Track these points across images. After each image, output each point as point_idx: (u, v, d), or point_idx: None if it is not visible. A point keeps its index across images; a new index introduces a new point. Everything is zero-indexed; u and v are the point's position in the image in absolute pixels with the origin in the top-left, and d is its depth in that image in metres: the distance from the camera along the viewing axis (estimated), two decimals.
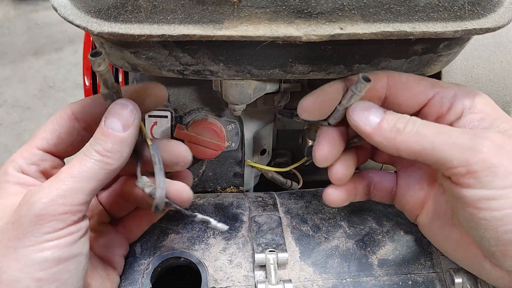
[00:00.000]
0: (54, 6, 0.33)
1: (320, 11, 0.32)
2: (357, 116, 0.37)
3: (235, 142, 0.53)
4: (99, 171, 0.35)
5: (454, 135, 0.34)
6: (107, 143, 0.35)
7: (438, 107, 0.37)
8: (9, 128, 2.00)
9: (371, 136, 0.36)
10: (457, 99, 0.37)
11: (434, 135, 0.34)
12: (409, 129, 0.35)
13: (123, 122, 0.36)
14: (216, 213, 0.47)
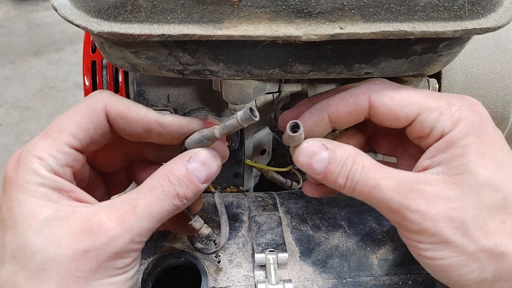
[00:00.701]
0: (54, 6, 0.33)
1: (320, 11, 0.32)
2: (302, 164, 0.37)
3: (235, 142, 0.53)
4: (171, 212, 0.34)
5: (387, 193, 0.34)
6: (189, 191, 0.34)
7: (419, 130, 0.36)
8: (9, 128, 2.00)
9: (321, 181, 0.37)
10: (438, 124, 0.35)
11: (370, 192, 0.34)
12: (348, 184, 0.35)
13: (208, 176, 0.35)
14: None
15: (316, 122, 0.38)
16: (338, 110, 0.37)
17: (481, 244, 0.32)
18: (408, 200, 0.33)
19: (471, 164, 0.33)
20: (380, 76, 0.41)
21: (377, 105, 0.36)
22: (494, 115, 0.54)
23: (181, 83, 0.50)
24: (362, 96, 0.37)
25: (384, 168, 0.35)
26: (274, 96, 0.51)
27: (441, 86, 0.53)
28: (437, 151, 0.35)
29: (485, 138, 0.34)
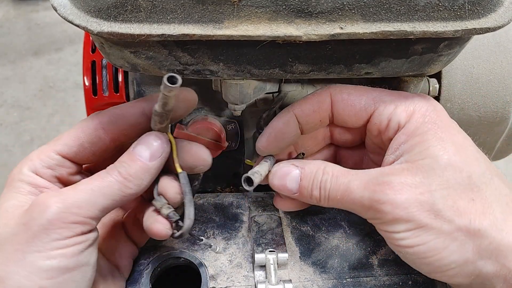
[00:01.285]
0: (54, 6, 0.33)
1: (320, 11, 0.32)
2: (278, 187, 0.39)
3: (235, 142, 0.53)
4: (117, 192, 0.35)
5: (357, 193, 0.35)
6: (131, 168, 0.36)
7: (378, 124, 0.37)
8: (9, 128, 2.00)
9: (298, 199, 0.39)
10: (394, 116, 0.36)
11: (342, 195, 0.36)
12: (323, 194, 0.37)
13: (152, 153, 0.37)
14: (216, 213, 0.47)
15: (285, 122, 0.40)
16: (303, 108, 0.39)
17: (455, 223, 0.33)
18: (377, 193, 0.34)
19: (431, 148, 0.34)
20: (380, 76, 0.41)
21: (337, 100, 0.38)
22: (494, 115, 0.54)
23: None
24: (324, 94, 0.39)
25: (352, 172, 0.37)
26: (274, 96, 0.51)
27: (441, 86, 0.53)
28: (399, 144, 0.36)
29: (441, 124, 0.35)
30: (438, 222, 0.33)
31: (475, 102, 0.54)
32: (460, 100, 0.53)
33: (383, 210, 0.34)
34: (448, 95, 0.53)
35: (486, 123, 0.55)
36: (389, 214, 0.34)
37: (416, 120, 0.36)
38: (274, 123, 0.40)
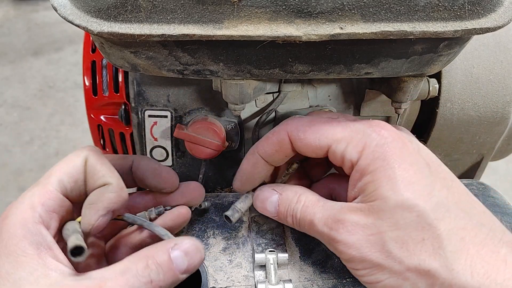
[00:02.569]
0: (54, 6, 0.33)
1: (320, 11, 0.32)
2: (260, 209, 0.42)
3: (235, 142, 0.53)
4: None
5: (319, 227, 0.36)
6: (166, 279, 0.33)
7: (334, 161, 0.38)
8: (9, 128, 2.00)
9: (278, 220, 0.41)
10: (346, 154, 0.36)
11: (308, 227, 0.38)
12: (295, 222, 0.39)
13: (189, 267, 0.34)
14: (216, 213, 0.47)
15: (252, 165, 0.41)
16: (266, 150, 0.40)
17: (405, 263, 0.33)
18: (334, 231, 0.35)
19: (380, 189, 0.34)
20: (380, 76, 0.41)
21: (294, 140, 0.38)
22: (494, 115, 0.54)
23: (181, 83, 0.50)
24: (283, 133, 0.39)
25: (321, 203, 0.38)
26: (274, 96, 0.51)
27: (441, 86, 0.53)
28: (354, 181, 0.36)
29: (391, 159, 0.34)
30: (390, 262, 0.33)
31: (475, 102, 0.54)
32: (460, 100, 0.53)
33: (339, 249, 0.35)
34: (448, 95, 0.53)
35: (486, 123, 0.55)
36: (344, 253, 0.35)
37: (366, 157, 0.35)
38: (244, 166, 0.42)
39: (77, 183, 0.36)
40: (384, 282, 0.34)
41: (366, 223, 0.34)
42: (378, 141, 0.35)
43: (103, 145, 0.62)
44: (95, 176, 0.36)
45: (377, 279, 0.34)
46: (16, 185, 1.73)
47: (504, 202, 0.48)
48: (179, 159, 0.55)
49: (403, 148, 0.35)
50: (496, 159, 0.65)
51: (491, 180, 1.63)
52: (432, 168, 0.36)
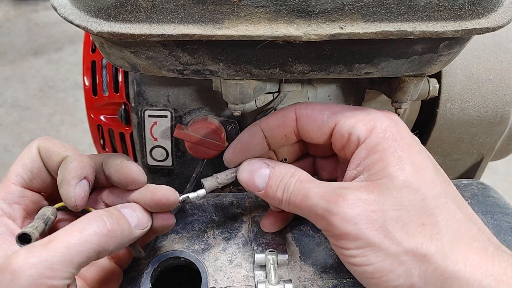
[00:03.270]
0: (54, 5, 0.33)
1: (320, 11, 0.32)
2: (245, 181, 0.39)
3: None
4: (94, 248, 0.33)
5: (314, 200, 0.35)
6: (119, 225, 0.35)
7: (339, 138, 0.37)
8: (9, 128, 2.00)
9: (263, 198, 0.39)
10: (354, 130, 0.36)
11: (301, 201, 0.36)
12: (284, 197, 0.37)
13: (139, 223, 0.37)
14: (216, 213, 0.47)
15: (250, 134, 0.41)
16: (269, 122, 0.40)
17: (403, 245, 0.33)
18: (331, 204, 0.34)
19: (389, 167, 0.34)
20: (380, 76, 0.41)
21: (301, 115, 0.38)
22: (494, 115, 0.54)
23: (181, 83, 0.50)
24: (289, 109, 0.39)
25: (317, 181, 0.37)
26: (274, 96, 0.51)
27: (441, 86, 0.53)
28: (359, 159, 0.36)
29: (402, 141, 0.35)
30: (387, 242, 0.33)
31: (475, 102, 0.54)
32: (460, 100, 0.53)
33: (333, 223, 0.34)
34: (448, 95, 0.53)
35: (486, 123, 0.55)
36: (338, 227, 0.34)
37: (376, 135, 0.35)
38: (241, 135, 0.41)
39: (34, 172, 0.38)
40: (376, 266, 0.33)
41: (368, 199, 0.34)
42: (390, 123, 0.36)
43: (103, 145, 0.62)
44: (52, 156, 0.38)
45: (369, 261, 0.33)
46: None
47: (504, 202, 0.48)
48: (179, 159, 0.55)
49: (411, 135, 0.36)
50: (496, 159, 0.65)
51: (491, 180, 1.63)
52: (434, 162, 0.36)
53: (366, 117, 0.36)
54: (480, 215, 0.45)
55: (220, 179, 0.41)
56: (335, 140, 0.38)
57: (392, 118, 0.36)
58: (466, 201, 0.37)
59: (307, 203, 0.36)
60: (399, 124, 0.36)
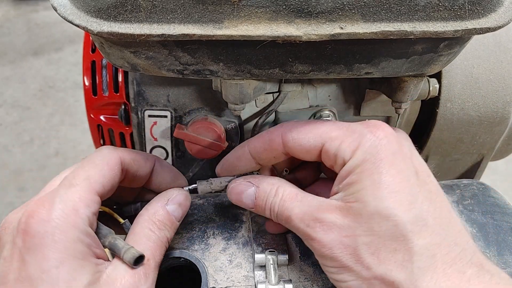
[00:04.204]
0: (53, 5, 0.33)
1: (320, 11, 0.32)
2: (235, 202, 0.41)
3: (235, 142, 0.53)
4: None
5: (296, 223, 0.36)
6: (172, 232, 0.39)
7: (327, 159, 0.37)
8: (9, 128, 2.00)
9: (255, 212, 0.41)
10: (339, 152, 0.36)
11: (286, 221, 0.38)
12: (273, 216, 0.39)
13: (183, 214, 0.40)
14: (216, 213, 0.47)
15: (236, 157, 0.42)
16: (256, 146, 0.40)
17: (373, 270, 0.33)
18: (309, 229, 0.35)
19: (363, 192, 0.34)
20: (381, 76, 0.41)
21: (287, 140, 0.38)
22: (494, 115, 0.54)
23: (181, 83, 0.50)
24: (275, 134, 0.39)
25: (299, 196, 0.37)
26: (274, 96, 0.51)
27: (441, 86, 0.53)
28: (341, 179, 0.36)
29: (380, 163, 0.34)
30: (358, 266, 0.34)
31: (475, 102, 0.54)
32: (460, 100, 0.53)
33: (313, 246, 0.36)
34: (448, 95, 0.53)
35: (486, 123, 0.55)
36: (316, 250, 0.36)
37: (357, 157, 0.35)
38: (229, 155, 0.42)
39: (113, 186, 0.38)
40: (350, 283, 0.34)
41: (342, 224, 0.34)
42: (372, 142, 0.35)
43: (103, 145, 0.62)
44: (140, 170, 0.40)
45: (344, 279, 0.35)
46: (16, 185, 1.73)
47: (504, 202, 0.48)
48: (179, 159, 0.55)
49: (396, 152, 0.35)
50: (496, 159, 0.65)
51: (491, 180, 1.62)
52: (420, 178, 0.35)
53: (351, 137, 0.36)
54: (480, 215, 0.45)
55: (214, 185, 0.43)
56: (324, 160, 0.38)
57: (377, 135, 0.35)
58: (466, 201, 0.36)
59: (291, 224, 0.37)
60: (382, 141, 0.35)
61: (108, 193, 0.37)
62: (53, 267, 0.31)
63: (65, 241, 0.31)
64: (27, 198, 1.50)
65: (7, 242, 0.33)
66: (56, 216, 0.32)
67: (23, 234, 0.32)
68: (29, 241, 0.31)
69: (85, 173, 0.35)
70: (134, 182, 0.41)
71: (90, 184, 0.35)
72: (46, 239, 0.31)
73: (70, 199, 0.33)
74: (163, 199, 0.39)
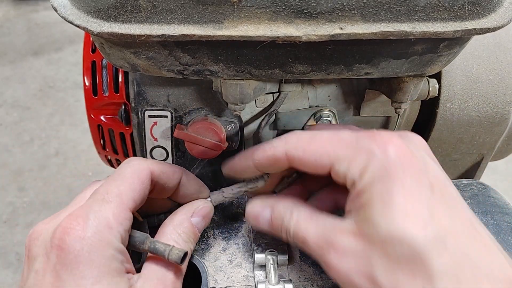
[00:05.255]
0: (54, 6, 0.33)
1: (320, 11, 0.32)
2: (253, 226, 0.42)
3: (235, 142, 0.53)
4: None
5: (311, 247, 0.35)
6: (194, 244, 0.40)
7: (337, 179, 0.36)
8: (9, 128, 2.00)
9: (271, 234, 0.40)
10: (348, 173, 0.34)
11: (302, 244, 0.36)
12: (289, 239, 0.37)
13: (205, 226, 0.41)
14: (216, 213, 0.47)
15: (243, 168, 0.41)
16: (261, 161, 0.39)
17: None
18: (325, 254, 0.34)
19: (374, 215, 0.32)
20: (380, 76, 0.41)
21: (293, 158, 0.37)
22: (494, 115, 0.54)
23: (181, 83, 0.50)
24: (280, 150, 0.37)
25: (314, 217, 0.36)
26: (274, 96, 0.51)
27: (441, 86, 0.53)
28: (352, 199, 0.34)
29: (390, 184, 0.32)
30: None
31: (475, 102, 0.54)
32: (460, 100, 0.53)
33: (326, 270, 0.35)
34: (448, 95, 0.53)
35: (486, 123, 0.55)
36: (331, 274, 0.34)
37: (366, 179, 0.33)
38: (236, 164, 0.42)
39: (143, 199, 0.37)
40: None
41: (357, 249, 0.33)
42: (381, 161, 0.33)
43: (103, 145, 0.62)
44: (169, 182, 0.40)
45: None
46: (16, 185, 1.73)
47: (504, 202, 0.48)
48: (179, 159, 0.55)
49: (407, 169, 0.33)
50: (496, 159, 0.65)
51: (491, 180, 1.63)
52: (436, 191, 0.33)
53: (359, 156, 0.34)
54: (480, 215, 0.45)
55: (226, 193, 0.43)
56: (334, 178, 0.36)
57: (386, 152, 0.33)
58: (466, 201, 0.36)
59: (306, 247, 0.36)
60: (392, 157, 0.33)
61: (138, 206, 0.37)
62: (90, 284, 0.31)
63: (100, 259, 0.32)
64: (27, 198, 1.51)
65: (38, 255, 0.33)
66: (91, 233, 0.32)
67: (58, 250, 0.32)
68: (65, 258, 0.31)
69: (117, 189, 0.35)
70: (162, 194, 0.41)
71: (122, 200, 0.35)
72: (82, 257, 0.31)
73: (103, 216, 0.33)
74: (189, 211, 0.40)
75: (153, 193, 0.40)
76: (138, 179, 0.36)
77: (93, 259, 0.31)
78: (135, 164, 0.38)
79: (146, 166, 0.38)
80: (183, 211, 0.40)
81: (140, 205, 0.37)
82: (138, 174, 0.37)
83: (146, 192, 0.37)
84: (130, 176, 0.36)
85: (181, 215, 0.39)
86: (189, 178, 0.43)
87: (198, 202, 0.42)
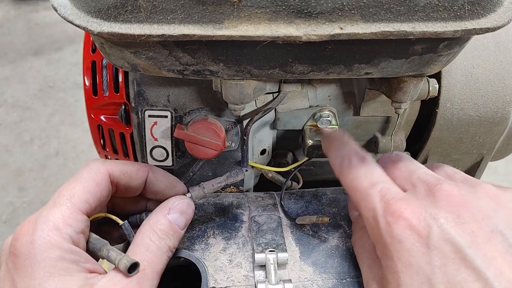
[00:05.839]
0: (54, 6, 0.33)
1: (320, 11, 0.32)
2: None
3: (235, 142, 0.53)
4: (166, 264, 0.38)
5: None
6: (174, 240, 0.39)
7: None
8: (9, 128, 2.00)
9: None
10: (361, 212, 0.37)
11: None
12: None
13: (186, 222, 0.40)
14: (216, 213, 0.47)
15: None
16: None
17: None
18: None
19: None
20: (380, 76, 0.41)
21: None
22: (494, 115, 0.54)
23: (181, 83, 0.50)
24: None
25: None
26: (274, 96, 0.51)
27: (441, 86, 0.53)
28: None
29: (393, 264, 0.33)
30: None
31: (475, 102, 0.54)
32: (460, 100, 0.53)
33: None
34: (448, 95, 0.53)
35: (486, 123, 0.55)
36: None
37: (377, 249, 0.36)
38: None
39: (101, 201, 0.38)
40: None
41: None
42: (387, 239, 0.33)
43: (103, 145, 0.62)
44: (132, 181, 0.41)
45: None
46: (16, 185, 1.73)
47: None
48: (179, 159, 0.55)
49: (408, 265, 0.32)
50: (496, 159, 0.65)
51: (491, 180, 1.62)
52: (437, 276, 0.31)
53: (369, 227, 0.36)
54: None
55: (206, 189, 0.43)
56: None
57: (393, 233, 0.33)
58: None
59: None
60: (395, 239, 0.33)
61: (96, 208, 0.38)
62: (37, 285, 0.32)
63: (47, 260, 0.33)
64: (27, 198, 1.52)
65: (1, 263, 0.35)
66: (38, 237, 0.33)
67: (12, 256, 0.33)
68: (17, 263, 0.33)
69: (69, 192, 0.36)
70: (128, 193, 0.42)
71: (72, 203, 0.36)
72: (31, 260, 0.33)
73: (51, 220, 0.34)
74: (165, 209, 0.40)
75: (119, 193, 0.40)
76: (93, 181, 0.37)
77: (40, 260, 0.33)
78: (93, 166, 0.38)
79: (104, 168, 0.38)
80: (159, 209, 0.40)
81: (98, 206, 0.38)
82: (94, 176, 0.37)
83: (103, 193, 0.38)
84: (85, 178, 0.37)
85: (157, 213, 0.40)
86: (156, 175, 0.43)
87: (174, 199, 0.41)
